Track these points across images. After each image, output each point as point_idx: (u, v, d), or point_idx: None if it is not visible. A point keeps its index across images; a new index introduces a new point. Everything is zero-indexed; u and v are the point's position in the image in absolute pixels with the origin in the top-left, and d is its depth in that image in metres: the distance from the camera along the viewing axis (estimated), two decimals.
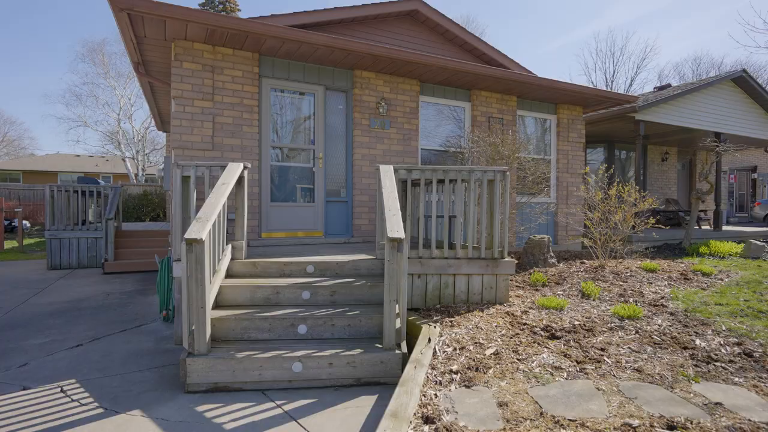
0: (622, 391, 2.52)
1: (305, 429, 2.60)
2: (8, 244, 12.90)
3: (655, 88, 12.49)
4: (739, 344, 3.28)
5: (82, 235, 8.85)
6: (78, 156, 36.81)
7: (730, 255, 7.82)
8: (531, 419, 2.20)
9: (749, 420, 2.15)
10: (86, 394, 3.08)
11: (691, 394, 2.48)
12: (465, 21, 33.83)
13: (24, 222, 15.68)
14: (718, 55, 34.10)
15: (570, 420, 2.18)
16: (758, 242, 7.80)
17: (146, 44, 5.23)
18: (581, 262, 6.50)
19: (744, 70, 10.38)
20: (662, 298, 4.63)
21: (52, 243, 8.63)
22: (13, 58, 63.59)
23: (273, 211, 5.92)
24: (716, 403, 2.36)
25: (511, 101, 7.56)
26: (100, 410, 2.85)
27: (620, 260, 6.55)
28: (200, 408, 2.86)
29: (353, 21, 6.72)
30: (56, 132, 62.19)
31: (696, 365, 2.91)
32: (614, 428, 2.08)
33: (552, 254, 6.45)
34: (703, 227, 11.91)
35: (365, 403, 2.91)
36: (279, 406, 2.89)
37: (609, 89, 33.89)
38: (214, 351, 3.21)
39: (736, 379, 2.71)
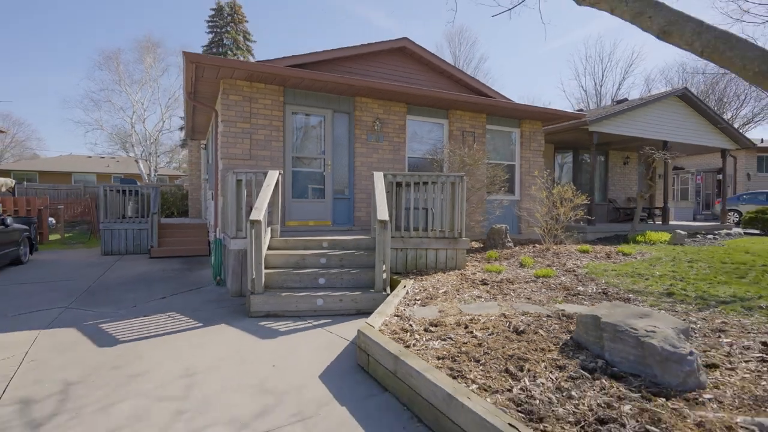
0: (513, 306, 4.32)
1: (327, 330, 4.41)
2: (51, 237, 14.68)
3: (614, 101, 14.30)
4: (604, 289, 5.08)
5: (128, 227, 10.65)
6: (90, 157, 38.53)
7: (660, 242, 9.64)
8: (453, 314, 4.00)
9: (571, 312, 3.95)
10: (187, 318, 4.89)
11: (551, 308, 4.28)
12: (458, 31, 35.75)
13: (50, 219, 17.48)
14: (704, 61, 35.76)
15: (474, 313, 3.99)
16: (682, 232, 9.62)
17: (201, 81, 7.03)
18: (533, 246, 8.30)
19: (685, 88, 12.19)
20: (577, 267, 6.43)
21: (105, 233, 10.42)
22: (13, 58, 65.41)
23: (293, 206, 7.73)
24: (561, 310, 4.15)
25: (481, 118, 9.37)
26: (201, 324, 4.67)
27: (564, 245, 8.36)
28: (261, 323, 4.67)
29: (354, 56, 8.52)
30: (74, 134, 64.66)
31: (566, 297, 4.72)
32: (496, 315, 3.89)
33: (509, 239, 8.25)
34: (656, 222, 13.75)
35: (362, 321, 4.70)
36: (309, 322, 4.69)
37: (597, 94, 35.69)
38: (266, 292, 5.01)
39: (585, 302, 4.51)
